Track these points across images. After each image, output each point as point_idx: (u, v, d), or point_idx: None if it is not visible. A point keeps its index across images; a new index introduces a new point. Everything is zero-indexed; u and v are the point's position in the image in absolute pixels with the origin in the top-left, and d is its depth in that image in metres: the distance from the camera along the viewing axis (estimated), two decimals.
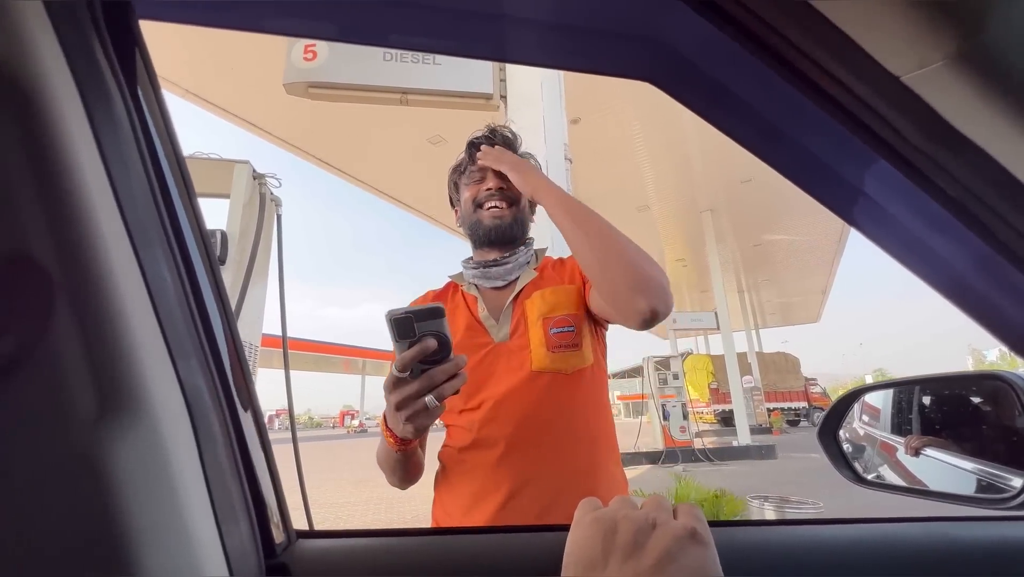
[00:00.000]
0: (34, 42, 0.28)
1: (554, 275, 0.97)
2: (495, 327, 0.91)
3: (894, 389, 0.93)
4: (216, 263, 0.38)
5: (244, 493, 0.35)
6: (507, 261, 0.95)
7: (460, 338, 0.90)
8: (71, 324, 0.27)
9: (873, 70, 0.36)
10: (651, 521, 0.32)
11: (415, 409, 0.58)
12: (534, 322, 0.88)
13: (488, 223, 0.95)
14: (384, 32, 0.39)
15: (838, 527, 0.49)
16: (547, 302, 0.89)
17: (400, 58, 3.38)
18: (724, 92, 0.44)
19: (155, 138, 0.35)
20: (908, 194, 0.41)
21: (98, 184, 0.29)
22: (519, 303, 0.92)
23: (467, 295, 0.97)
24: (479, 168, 0.97)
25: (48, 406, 0.26)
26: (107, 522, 0.27)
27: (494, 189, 0.95)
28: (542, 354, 0.85)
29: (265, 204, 2.54)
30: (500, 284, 0.96)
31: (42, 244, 0.27)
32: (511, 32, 0.43)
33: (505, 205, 0.95)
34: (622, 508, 0.34)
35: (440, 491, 0.88)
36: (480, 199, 0.96)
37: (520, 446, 0.79)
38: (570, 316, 0.88)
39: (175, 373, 0.31)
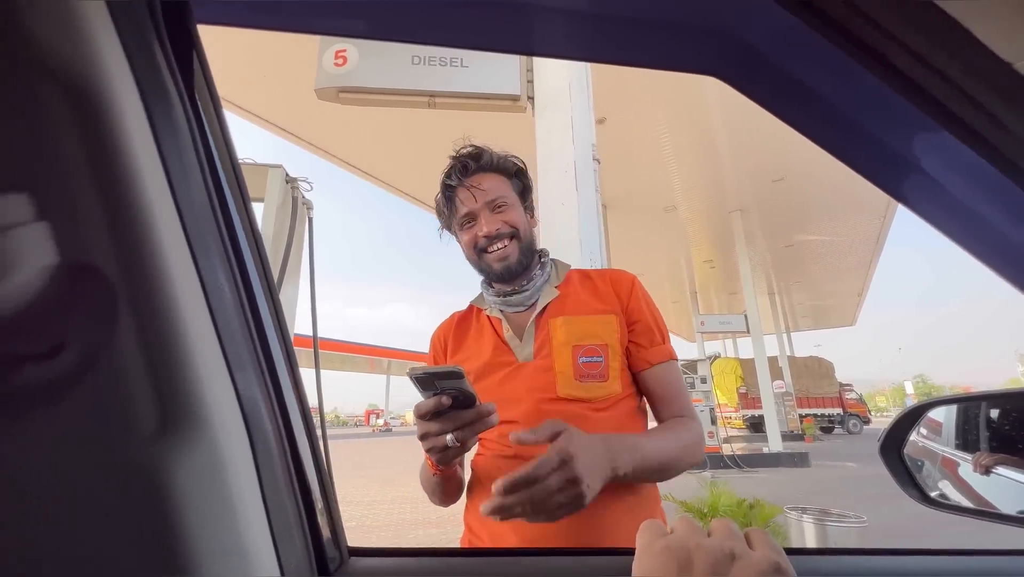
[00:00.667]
0: (97, 45, 0.27)
1: (583, 293, 0.94)
2: (519, 347, 0.91)
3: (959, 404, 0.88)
4: (270, 270, 0.37)
5: (299, 508, 0.34)
6: (525, 289, 0.93)
7: (487, 359, 0.91)
8: (133, 334, 0.26)
9: (981, 56, 0.32)
10: (728, 552, 0.30)
11: (435, 444, 0.65)
12: (561, 345, 0.87)
13: (497, 267, 0.91)
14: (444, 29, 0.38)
15: (915, 559, 0.45)
16: (575, 331, 0.88)
17: (428, 61, 3.41)
18: (799, 85, 0.41)
19: (211, 141, 0.34)
20: (1010, 195, 0.37)
21: (159, 190, 0.28)
22: (542, 322, 0.91)
23: (492, 317, 0.97)
24: (466, 214, 0.92)
25: (111, 419, 0.26)
26: (168, 538, 0.26)
27: (492, 234, 0.90)
28: (569, 381, 0.84)
29: (297, 207, 2.59)
30: (521, 309, 0.95)
31: (104, 252, 0.26)
32: (568, 27, 0.41)
33: (508, 242, 0.91)
34: (693, 536, 0.32)
35: (473, 497, 0.88)
36: (481, 245, 0.91)
37: None
38: (599, 346, 0.87)
39: (233, 385, 0.30)
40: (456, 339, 0.99)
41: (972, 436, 0.84)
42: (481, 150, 0.95)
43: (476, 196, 0.90)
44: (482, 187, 0.91)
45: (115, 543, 0.26)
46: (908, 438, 0.79)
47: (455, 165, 0.93)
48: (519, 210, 0.94)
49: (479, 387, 0.88)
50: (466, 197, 0.91)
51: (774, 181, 9.27)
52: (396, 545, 3.94)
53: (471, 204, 0.91)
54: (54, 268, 0.25)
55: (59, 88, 0.26)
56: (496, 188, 0.92)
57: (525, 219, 0.95)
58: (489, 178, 0.93)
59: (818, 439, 17.71)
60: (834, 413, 21.60)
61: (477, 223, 0.91)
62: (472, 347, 0.96)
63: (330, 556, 0.37)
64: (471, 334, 0.99)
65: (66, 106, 0.26)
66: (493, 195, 0.91)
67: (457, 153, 0.95)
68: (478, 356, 0.93)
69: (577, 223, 3.00)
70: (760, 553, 0.30)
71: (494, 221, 0.90)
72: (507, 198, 0.92)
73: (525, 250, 0.92)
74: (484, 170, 0.93)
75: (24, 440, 0.24)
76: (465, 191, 0.91)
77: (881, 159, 0.42)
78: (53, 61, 0.26)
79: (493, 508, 0.56)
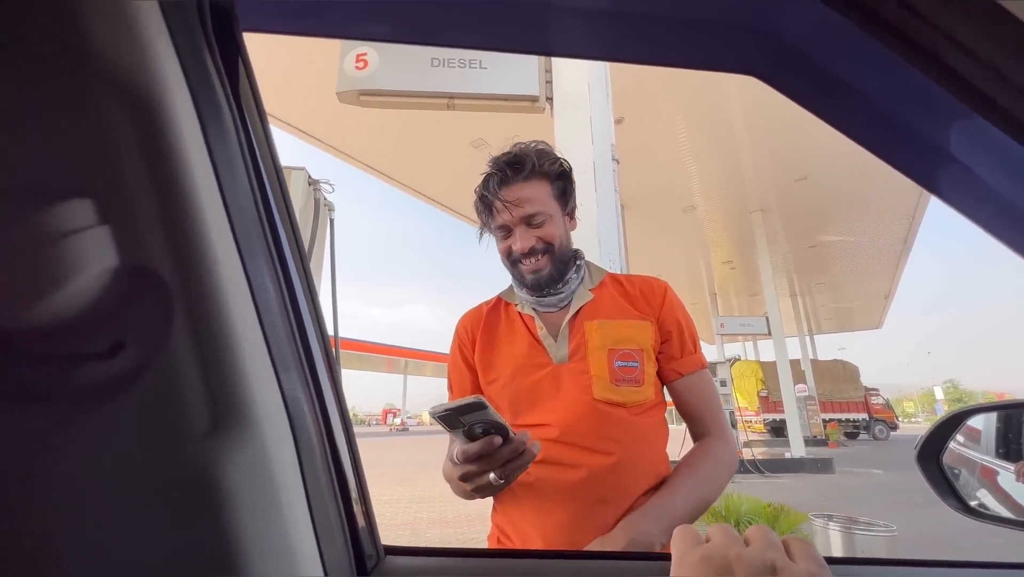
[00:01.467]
0: (153, 52, 0.28)
1: (618, 298, 0.93)
2: (554, 347, 0.90)
3: (999, 412, 0.85)
4: (310, 273, 0.38)
5: (339, 507, 0.35)
6: (559, 291, 0.92)
7: (523, 359, 0.89)
8: (186, 335, 0.27)
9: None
10: (769, 563, 0.29)
11: (479, 484, 0.64)
12: (596, 348, 0.86)
13: (530, 279, 0.89)
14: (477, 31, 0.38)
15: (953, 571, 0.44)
16: (611, 335, 0.87)
17: (447, 63, 3.43)
18: (842, 85, 0.40)
19: (256, 148, 0.35)
20: None
21: (210, 194, 0.29)
22: (577, 324, 0.90)
23: (524, 315, 0.95)
24: (500, 226, 0.90)
25: (166, 417, 0.26)
26: (220, 534, 0.27)
27: (525, 251, 0.88)
28: (605, 384, 0.84)
29: (320, 209, 2.63)
30: (555, 309, 0.93)
31: (160, 254, 0.27)
32: (604, 28, 0.41)
33: (541, 257, 0.88)
34: (732, 545, 0.31)
35: (502, 499, 0.87)
36: (514, 257, 0.90)
37: (595, 469, 0.79)
38: (635, 351, 0.86)
39: (279, 385, 0.31)
40: (486, 332, 0.97)
41: (1014, 445, 0.82)
42: (523, 158, 0.89)
43: (512, 211, 0.87)
44: (520, 201, 0.87)
45: (170, 539, 0.26)
46: (947, 446, 0.77)
47: (493, 175, 0.90)
48: (557, 221, 0.91)
49: (513, 387, 0.88)
50: (501, 210, 0.88)
51: (797, 180, 9.07)
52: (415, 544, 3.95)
53: (506, 217, 0.88)
54: (113, 271, 0.26)
55: (116, 92, 0.27)
56: (534, 200, 0.88)
57: (563, 229, 0.92)
58: (529, 187, 0.89)
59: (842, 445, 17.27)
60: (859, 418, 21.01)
61: (512, 237, 0.89)
62: (504, 343, 0.95)
63: (367, 554, 0.37)
64: (502, 328, 0.97)
65: (123, 110, 0.27)
66: (530, 210, 0.87)
67: (497, 159, 0.91)
68: (511, 354, 0.92)
69: (596, 224, 2.98)
70: (802, 566, 0.29)
71: (529, 238, 0.88)
72: (545, 211, 0.89)
73: (559, 261, 0.90)
74: (525, 179, 0.89)
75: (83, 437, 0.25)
76: (501, 204, 0.88)
77: (925, 156, 0.41)
78: (109, 66, 0.27)
79: None
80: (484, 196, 0.91)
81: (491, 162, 0.92)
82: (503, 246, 0.92)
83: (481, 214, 0.95)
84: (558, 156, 0.93)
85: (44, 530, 0.24)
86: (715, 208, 10.51)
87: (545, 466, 0.79)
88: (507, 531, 0.83)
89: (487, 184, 0.90)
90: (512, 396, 0.88)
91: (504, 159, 0.90)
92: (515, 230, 0.89)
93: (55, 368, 0.25)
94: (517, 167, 0.89)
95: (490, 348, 0.95)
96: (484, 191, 0.91)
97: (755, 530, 0.33)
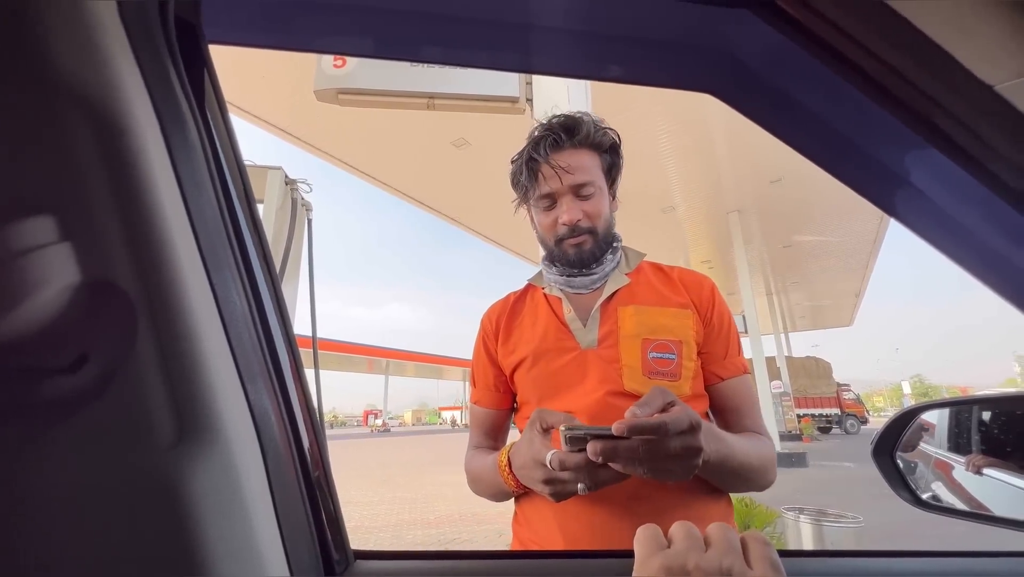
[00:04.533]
0: (117, 68, 0.28)
1: (657, 285, 0.87)
2: (582, 331, 0.83)
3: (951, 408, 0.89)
4: (279, 282, 0.38)
5: (307, 513, 0.35)
6: (593, 272, 0.85)
7: (547, 342, 0.83)
8: (152, 348, 0.27)
9: (963, 79, 0.34)
10: (726, 570, 0.30)
11: (561, 491, 0.60)
12: (629, 336, 0.80)
13: (571, 255, 0.83)
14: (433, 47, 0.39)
15: (911, 560, 0.46)
16: (647, 323, 0.81)
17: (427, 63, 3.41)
18: (793, 104, 0.42)
19: (223, 159, 0.35)
20: (995, 210, 0.38)
21: (175, 208, 0.30)
22: (610, 309, 0.83)
23: (550, 297, 0.89)
24: (547, 195, 0.83)
25: (131, 430, 0.27)
26: (184, 542, 0.27)
27: (572, 223, 0.81)
28: (637, 376, 0.77)
29: (296, 209, 2.60)
30: (585, 291, 0.87)
31: (125, 268, 0.27)
32: (567, 46, 0.42)
33: (586, 237, 0.82)
34: (691, 552, 0.32)
35: (522, 502, 0.82)
36: (560, 234, 0.83)
37: None
38: (672, 342, 0.79)
39: (244, 395, 0.31)
40: (510, 319, 0.91)
41: (964, 439, 0.85)
42: (578, 122, 0.83)
43: (562, 177, 0.81)
44: (570, 168, 0.81)
45: (133, 548, 0.27)
46: (901, 441, 0.80)
47: (545, 136, 0.83)
48: (604, 197, 0.85)
49: (536, 371, 0.82)
50: (550, 175, 0.81)
51: (772, 182, 9.30)
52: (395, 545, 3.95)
53: (555, 184, 0.82)
54: (75, 283, 0.26)
55: (78, 108, 0.27)
56: (585, 170, 0.82)
57: (608, 207, 0.86)
58: (580, 155, 0.82)
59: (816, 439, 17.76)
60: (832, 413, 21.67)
61: (558, 207, 0.83)
62: (526, 327, 0.88)
63: (337, 558, 0.38)
64: (525, 312, 0.91)
65: (86, 126, 0.27)
66: (581, 179, 0.81)
67: (549, 121, 0.85)
68: (532, 337, 0.85)
69: None
70: (758, 574, 0.31)
71: (576, 209, 0.81)
72: (595, 183, 0.83)
73: (601, 244, 0.84)
74: (577, 146, 0.83)
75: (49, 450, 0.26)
76: (550, 170, 0.81)
77: (869, 172, 0.44)
78: (72, 81, 0.27)
79: (602, 450, 0.51)
80: (532, 159, 0.83)
81: (541, 126, 0.85)
82: (547, 218, 0.84)
83: (521, 183, 0.87)
84: (609, 127, 0.86)
85: (6, 545, 0.24)
86: (694, 208, 10.70)
87: None
88: (524, 540, 0.77)
89: (537, 147, 0.83)
90: (535, 380, 0.82)
91: (557, 121, 0.84)
92: (562, 200, 0.82)
93: (16, 383, 0.25)
94: (572, 131, 0.83)
95: (511, 336, 0.89)
96: (534, 153, 0.83)
97: (715, 529, 0.34)
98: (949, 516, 0.76)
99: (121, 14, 0.29)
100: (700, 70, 0.43)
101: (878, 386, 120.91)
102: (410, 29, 0.38)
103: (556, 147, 0.82)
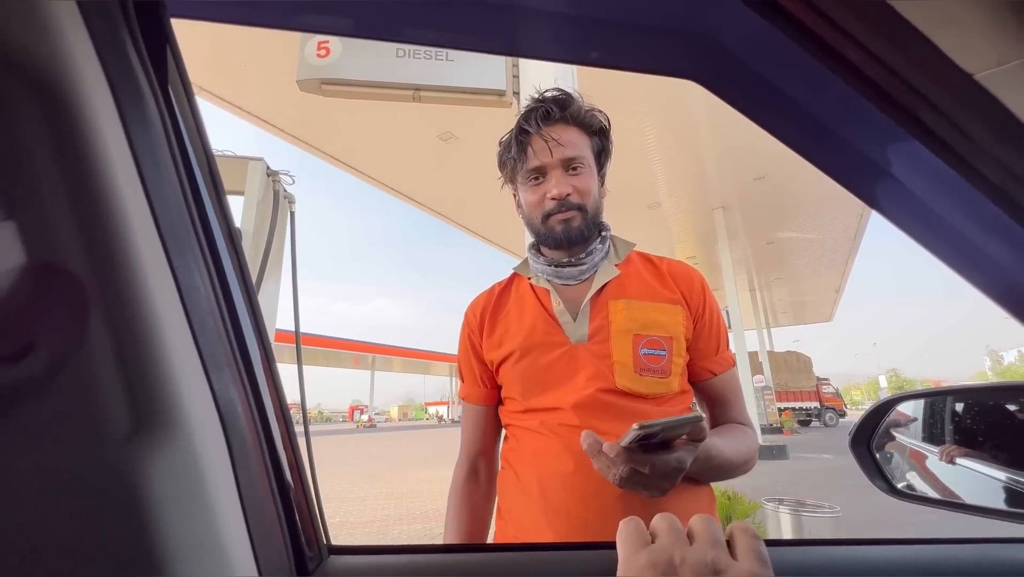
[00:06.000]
0: (67, 41, 0.26)
1: (647, 277, 0.85)
2: (571, 325, 0.80)
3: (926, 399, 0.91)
4: (247, 268, 0.37)
5: (277, 508, 0.34)
6: (582, 262, 0.83)
7: (535, 336, 0.81)
8: (105, 336, 0.26)
9: (944, 67, 0.34)
10: (711, 564, 0.30)
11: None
12: (620, 332, 0.78)
13: (559, 232, 0.81)
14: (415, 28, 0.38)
15: (887, 548, 0.47)
16: (638, 318, 0.79)
17: (413, 54, 3.37)
18: (775, 91, 0.42)
19: (186, 139, 0.33)
20: (972, 200, 0.39)
21: (131, 189, 0.28)
22: (600, 302, 0.81)
23: (537, 288, 0.86)
24: (536, 168, 0.81)
25: (82, 422, 0.25)
26: (143, 539, 0.26)
27: (561, 197, 0.80)
28: (628, 372, 0.76)
29: (279, 201, 2.55)
30: (574, 282, 0.85)
31: (75, 252, 0.26)
32: (549, 29, 0.41)
33: (574, 213, 0.81)
34: (676, 546, 0.32)
35: (505, 496, 0.81)
36: (548, 209, 0.81)
37: None
38: (664, 339, 0.78)
39: (209, 386, 0.30)
40: (495, 312, 0.89)
41: (938, 429, 0.87)
42: (569, 96, 0.83)
43: (552, 150, 0.80)
44: (561, 141, 0.80)
45: (89, 546, 0.25)
46: (877, 431, 0.82)
47: (537, 109, 0.82)
48: (593, 176, 0.84)
49: (524, 365, 0.80)
50: (540, 149, 0.80)
51: (755, 179, 9.43)
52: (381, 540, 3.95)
53: (544, 157, 0.80)
54: (22, 268, 0.24)
55: (25, 83, 0.25)
56: (576, 146, 0.81)
57: (597, 187, 0.85)
58: (571, 132, 0.82)
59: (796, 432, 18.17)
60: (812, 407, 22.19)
61: (547, 180, 0.81)
62: (513, 320, 0.86)
63: (309, 555, 0.37)
64: (511, 304, 0.89)
65: (33, 102, 0.26)
66: (571, 153, 0.80)
67: (541, 95, 0.84)
68: (519, 330, 0.83)
69: None
70: (745, 567, 0.30)
71: (565, 184, 0.80)
72: (585, 161, 0.82)
73: (590, 221, 0.83)
74: (567, 122, 0.82)
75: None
76: (541, 142, 0.80)
77: (850, 162, 0.44)
78: (19, 55, 0.25)
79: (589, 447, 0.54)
80: (523, 131, 0.82)
81: (533, 99, 0.84)
82: (534, 195, 0.83)
83: (509, 159, 0.86)
84: (599, 110, 0.86)
85: None
86: (679, 205, 10.80)
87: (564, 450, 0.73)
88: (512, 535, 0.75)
89: (528, 118, 0.82)
90: (523, 375, 0.80)
91: (550, 95, 0.83)
92: (551, 173, 0.81)
93: None
94: (563, 104, 0.82)
95: (499, 326, 0.87)
96: (524, 125, 0.82)
97: (697, 522, 0.33)
98: (922, 504, 0.77)
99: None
100: (682, 55, 0.42)
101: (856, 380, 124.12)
102: (382, 7, 0.37)
103: (547, 119, 0.81)
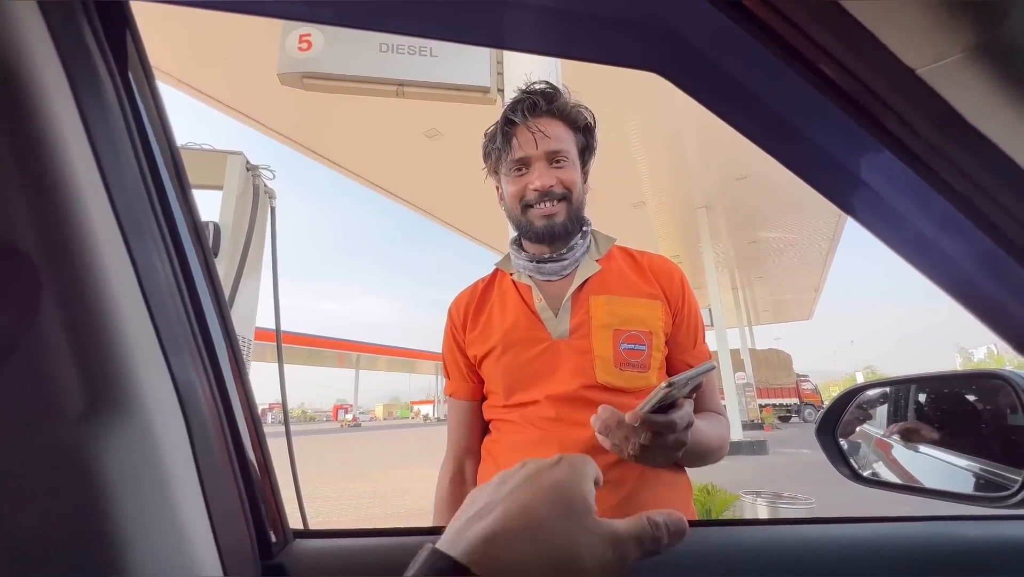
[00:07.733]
0: (20, 22, 0.26)
1: (627, 272, 0.86)
2: (553, 320, 0.81)
3: (891, 388, 0.93)
4: (211, 256, 0.36)
5: (240, 492, 0.34)
6: (563, 257, 0.84)
7: (517, 332, 0.81)
8: (58, 318, 0.26)
9: (889, 63, 0.35)
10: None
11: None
12: (601, 327, 0.79)
13: (540, 225, 0.81)
14: (380, 16, 0.38)
15: (842, 526, 0.49)
16: (619, 314, 0.80)
17: (396, 49, 3.34)
18: (734, 85, 0.43)
19: (148, 127, 0.33)
20: (918, 190, 0.40)
21: (88, 174, 0.28)
22: (581, 298, 0.82)
23: (519, 284, 0.86)
24: (518, 160, 0.81)
25: (34, 402, 0.25)
26: (97, 522, 0.26)
27: (544, 188, 0.80)
28: (609, 367, 0.77)
29: (259, 196, 2.51)
30: (555, 278, 0.85)
31: (29, 236, 0.26)
32: (513, 18, 0.41)
33: (557, 204, 0.81)
34: None
35: None
36: (528, 200, 0.81)
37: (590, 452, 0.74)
38: (643, 333, 0.80)
39: (168, 368, 0.30)
40: (478, 308, 0.89)
41: (901, 417, 0.90)
42: (557, 91, 0.83)
43: (538, 141, 0.80)
44: (547, 133, 0.80)
45: (41, 528, 0.25)
46: (842, 420, 0.84)
47: (524, 100, 0.82)
48: (577, 170, 0.84)
49: (506, 361, 0.81)
50: (525, 140, 0.81)
51: (738, 179, 9.57)
52: None
53: (529, 149, 0.81)
54: None
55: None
56: (561, 139, 0.82)
57: (580, 182, 0.85)
58: (556, 126, 0.82)
59: (776, 428, 18.55)
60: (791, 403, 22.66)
61: (530, 172, 0.82)
62: (495, 316, 0.86)
63: (274, 539, 0.37)
64: (494, 300, 0.89)
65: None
66: (556, 146, 0.81)
67: (529, 87, 0.84)
68: (501, 325, 0.84)
69: None
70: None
71: (549, 175, 0.80)
72: (570, 155, 0.83)
73: (573, 216, 0.83)
74: (554, 115, 0.83)
75: None
76: (526, 133, 0.80)
77: (806, 154, 0.45)
78: None
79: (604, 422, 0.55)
80: (509, 122, 0.82)
81: (519, 91, 0.85)
82: (516, 187, 0.83)
83: (494, 150, 0.86)
84: (584, 107, 0.87)
85: None
86: (663, 204, 10.91)
87: (541, 442, 0.75)
88: None
89: (515, 109, 0.82)
90: (504, 370, 0.81)
91: (538, 87, 0.84)
92: (535, 165, 0.81)
93: None
94: (550, 97, 0.83)
95: (481, 321, 0.87)
96: (510, 115, 0.82)
97: None
98: (885, 489, 0.79)
99: None
100: (644, 48, 0.43)
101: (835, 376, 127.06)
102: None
103: (534, 111, 0.82)
